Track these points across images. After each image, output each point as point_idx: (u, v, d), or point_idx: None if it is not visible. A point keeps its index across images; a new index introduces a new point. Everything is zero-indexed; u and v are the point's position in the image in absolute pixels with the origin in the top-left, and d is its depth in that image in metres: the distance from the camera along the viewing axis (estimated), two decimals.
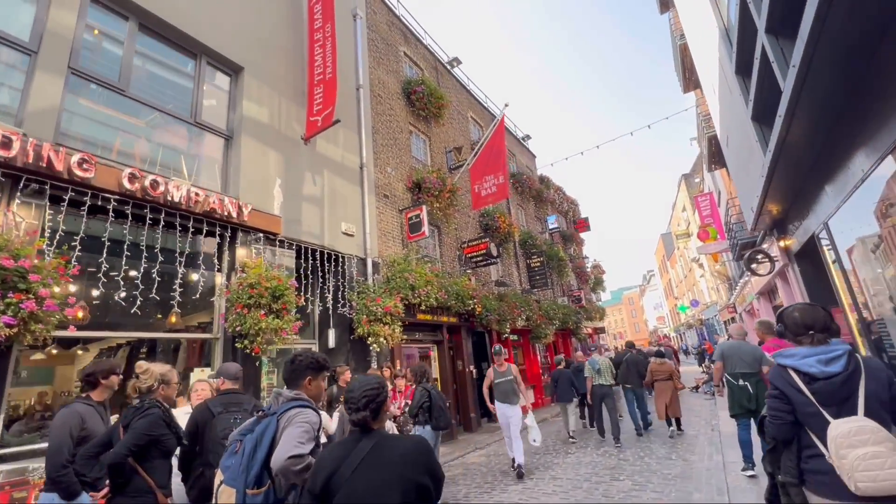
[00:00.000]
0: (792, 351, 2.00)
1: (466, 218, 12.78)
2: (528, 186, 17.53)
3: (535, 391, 14.22)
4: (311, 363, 2.09)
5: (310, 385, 2.07)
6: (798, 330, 2.01)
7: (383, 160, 9.72)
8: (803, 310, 2.04)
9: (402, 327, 8.31)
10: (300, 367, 2.07)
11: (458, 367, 10.61)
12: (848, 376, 1.82)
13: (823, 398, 1.83)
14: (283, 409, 1.94)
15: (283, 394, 2.03)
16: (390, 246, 9.21)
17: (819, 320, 1.97)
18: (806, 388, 1.87)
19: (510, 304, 12.42)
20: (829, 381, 1.83)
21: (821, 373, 1.85)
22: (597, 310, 22.83)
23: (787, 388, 1.94)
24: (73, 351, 5.72)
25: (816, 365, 1.86)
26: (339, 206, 8.03)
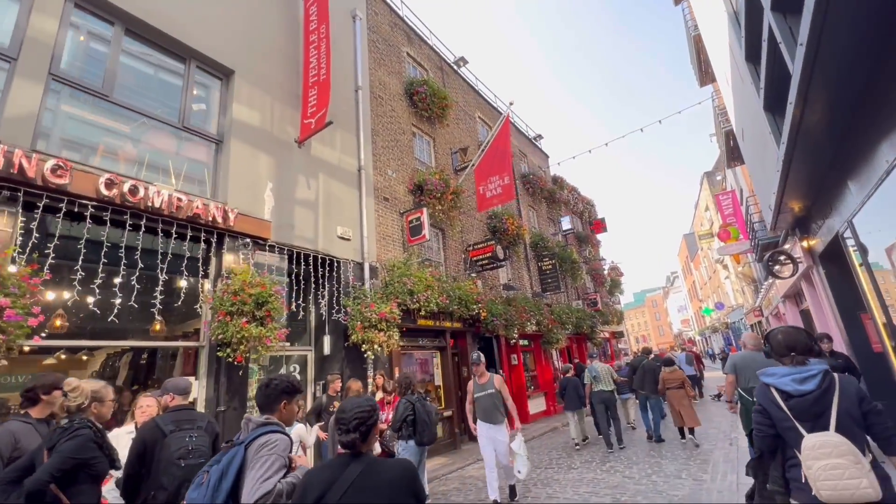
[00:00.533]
0: (773, 370, 2.19)
1: (473, 220, 12.49)
2: (540, 187, 17.11)
3: (547, 398, 13.77)
4: (286, 387, 2.07)
5: (284, 409, 2.05)
6: (781, 351, 2.24)
7: (383, 162, 9.54)
8: (786, 333, 2.27)
9: (401, 333, 8.11)
10: (275, 392, 2.04)
11: (464, 373, 10.31)
12: (821, 394, 2.01)
13: (798, 414, 2.03)
14: (251, 436, 1.89)
15: (252, 420, 1.98)
16: (391, 250, 9.01)
17: (800, 343, 2.19)
18: (784, 404, 2.08)
19: (519, 309, 12.06)
20: (803, 398, 2.03)
21: (795, 391, 2.05)
22: (615, 313, 22.15)
23: (768, 405, 2.15)
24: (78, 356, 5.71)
25: (792, 384, 2.07)
26: (335, 210, 7.87)
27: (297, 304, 6.74)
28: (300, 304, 6.78)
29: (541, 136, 19.61)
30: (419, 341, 9.17)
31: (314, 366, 7.36)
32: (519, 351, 12.85)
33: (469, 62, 14.25)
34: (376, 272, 8.36)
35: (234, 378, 5.50)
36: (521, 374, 12.65)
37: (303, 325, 7.52)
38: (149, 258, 5.06)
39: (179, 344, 5.50)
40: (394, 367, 8.07)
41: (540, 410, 13.26)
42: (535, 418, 12.70)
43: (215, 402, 5.31)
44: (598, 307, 19.08)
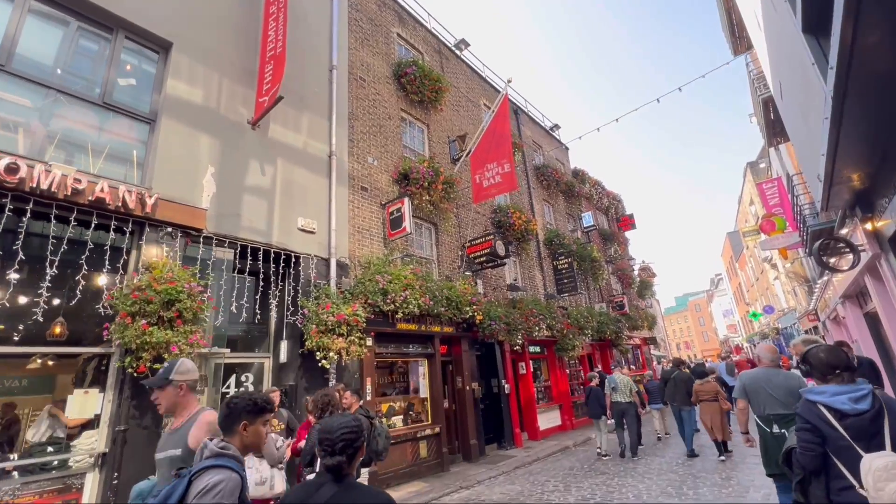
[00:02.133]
0: (821, 388, 2.16)
1: (473, 215, 11.37)
2: (556, 179, 15.73)
3: (562, 411, 12.35)
4: (247, 405, 1.82)
5: (245, 431, 1.80)
6: (825, 370, 2.18)
7: (362, 149, 8.62)
8: (829, 350, 2.22)
9: (375, 339, 7.14)
10: (235, 411, 1.81)
11: (458, 384, 9.18)
12: (875, 414, 2.00)
13: (855, 433, 2.00)
14: (199, 468, 1.61)
15: (207, 446, 1.69)
16: (368, 245, 8.05)
17: (843, 360, 2.16)
18: (838, 423, 2.03)
19: (525, 312, 10.79)
20: (860, 417, 2.00)
21: (852, 410, 2.01)
22: (646, 317, 20.26)
23: (819, 423, 2.09)
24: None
25: (848, 403, 2.03)
26: (297, 199, 7.00)
27: (241, 304, 5.87)
28: (244, 304, 5.91)
29: (557, 126, 18.21)
30: (401, 348, 8.13)
31: (271, 375, 6.47)
32: (528, 359, 11.56)
33: (471, 45, 13.21)
34: (347, 269, 7.42)
35: (144, 391, 4.66)
36: (529, 384, 11.35)
37: (262, 329, 6.67)
38: (46, 250, 4.32)
39: (79, 350, 4.71)
40: (364, 377, 7.07)
41: (553, 425, 11.87)
42: (547, 434, 11.34)
43: (118, 420, 4.49)
44: (626, 310, 17.38)
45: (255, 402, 1.84)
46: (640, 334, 20.26)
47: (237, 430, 1.78)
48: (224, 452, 1.67)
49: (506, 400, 10.24)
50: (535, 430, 10.93)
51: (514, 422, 10.26)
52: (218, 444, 1.70)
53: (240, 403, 1.81)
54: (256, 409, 1.82)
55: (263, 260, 6.20)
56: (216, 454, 1.65)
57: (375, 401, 7.30)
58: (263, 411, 1.85)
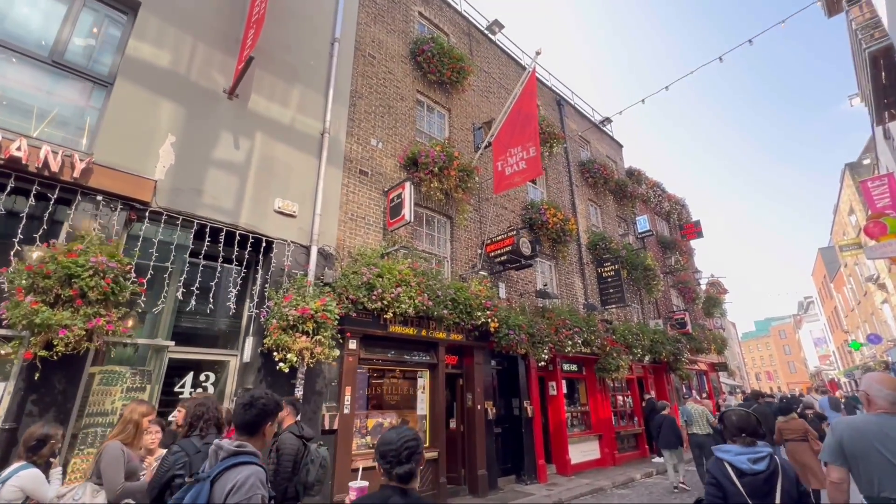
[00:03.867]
0: (727, 447, 2.42)
1: (499, 210, 10.09)
2: (604, 177, 13.96)
3: (602, 443, 10.51)
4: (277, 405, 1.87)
5: (267, 431, 1.84)
6: (734, 431, 2.45)
7: (365, 130, 7.74)
8: (739, 415, 2.49)
9: (359, 342, 6.13)
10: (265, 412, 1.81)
11: (468, 401, 7.87)
12: (769, 475, 2.24)
13: (750, 490, 2.22)
14: (219, 468, 1.62)
15: (223, 447, 1.69)
16: (362, 234, 7.09)
17: (750, 425, 2.42)
18: (738, 480, 2.25)
19: (555, 323, 9.27)
20: (756, 476, 2.24)
21: (749, 469, 2.25)
22: (714, 339, 17.49)
23: (722, 479, 2.30)
24: None
25: (747, 462, 2.27)
26: (277, 178, 6.22)
27: (201, 292, 5.10)
28: (209, 293, 5.13)
29: (608, 121, 16.38)
30: (395, 355, 7.02)
31: (237, 375, 5.64)
32: (559, 378, 9.95)
33: (505, 27, 12.05)
34: (332, 260, 6.49)
35: (52, 383, 3.95)
36: (560, 408, 9.72)
37: (234, 323, 5.89)
38: None
39: None
40: (343, 386, 6.04)
41: (590, 459, 10.09)
42: (581, 469, 9.60)
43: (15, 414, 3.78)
44: (688, 330, 14.99)
45: (278, 402, 1.87)
46: (707, 358, 17.52)
47: (264, 429, 1.79)
48: (242, 450, 1.69)
49: (528, 424, 8.73)
50: (564, 463, 9.26)
51: (538, 451, 8.70)
52: (233, 444, 1.71)
53: (269, 404, 1.82)
54: (279, 409, 1.88)
55: (226, 243, 5.43)
56: (234, 453, 1.67)
57: (355, 415, 6.23)
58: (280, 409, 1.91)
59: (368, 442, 6.39)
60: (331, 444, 5.65)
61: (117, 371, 4.69)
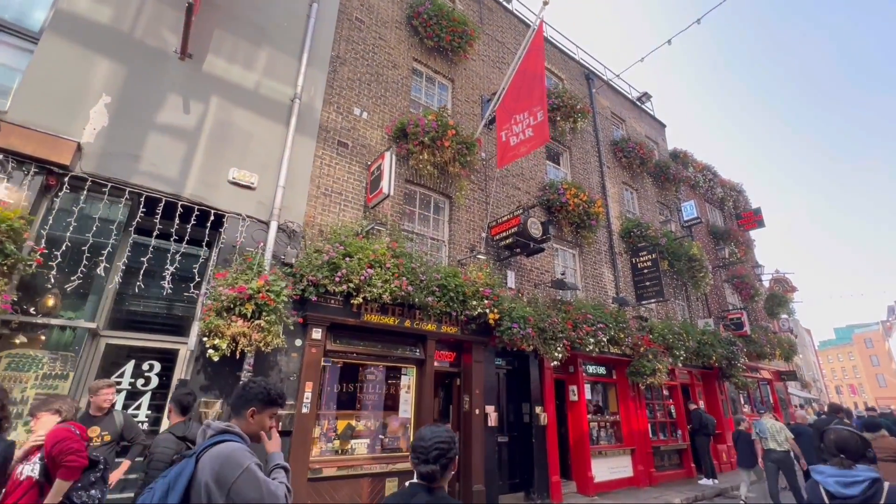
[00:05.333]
0: (822, 468, 2.38)
1: (511, 190, 8.98)
2: (640, 158, 12.38)
3: (636, 458, 9.04)
4: (260, 393, 1.83)
5: (252, 418, 1.80)
6: (832, 451, 2.41)
7: (347, 98, 6.98)
8: (838, 434, 2.44)
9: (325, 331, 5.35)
10: (247, 396, 1.83)
11: (464, 405, 6.83)
12: (863, 500, 2.12)
13: None
14: (205, 445, 1.60)
15: (211, 426, 1.70)
16: (338, 211, 6.30)
17: (851, 446, 2.36)
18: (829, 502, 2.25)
19: (572, 316, 8.01)
20: (845, 501, 2.18)
21: (838, 493, 2.22)
22: (780, 343, 15.14)
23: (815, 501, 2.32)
24: None
25: (835, 486, 2.23)
26: (234, 146, 5.56)
27: (134, 270, 4.50)
28: (138, 270, 4.53)
29: (647, 96, 14.65)
30: (372, 348, 6.12)
31: (187, 365, 4.99)
32: (581, 381, 8.64)
33: None
34: (297, 238, 5.73)
35: None
36: (582, 416, 8.41)
37: (190, 308, 5.28)
38: None
39: None
40: (303, 381, 5.23)
41: (620, 477, 8.67)
42: (607, 488, 8.23)
43: None
44: (745, 331, 12.97)
45: (269, 392, 1.85)
46: (772, 366, 15.21)
47: (245, 414, 1.79)
48: (229, 429, 1.68)
49: (540, 434, 7.54)
50: (586, 481, 7.95)
51: (552, 465, 7.48)
52: (222, 423, 1.71)
53: (254, 389, 1.83)
54: (268, 399, 1.84)
55: (167, 216, 4.81)
56: (222, 430, 1.67)
57: (320, 416, 5.41)
58: (274, 403, 1.86)
59: (337, 447, 5.55)
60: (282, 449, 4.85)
61: (31, 355, 4.16)
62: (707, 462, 9.45)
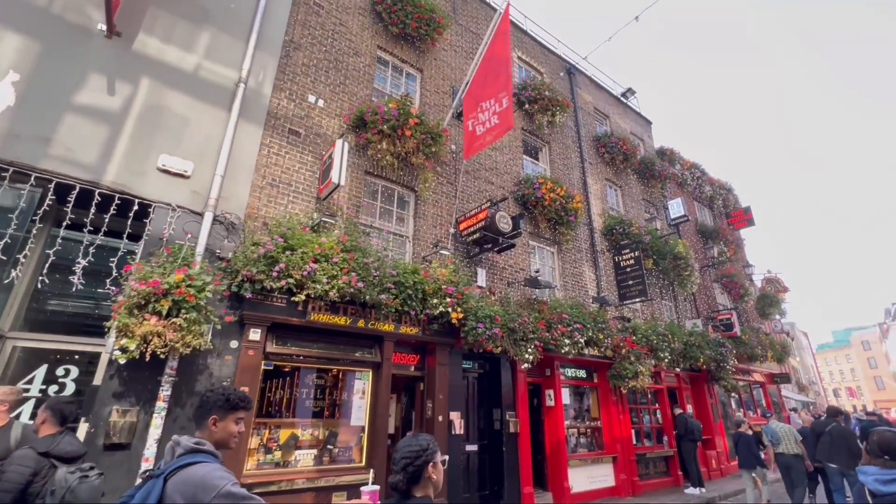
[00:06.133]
0: (866, 468, 2.55)
1: (483, 185, 8.57)
2: (624, 153, 12.00)
3: (617, 466, 8.55)
4: (218, 400, 1.77)
5: (215, 427, 1.75)
6: (875, 452, 2.55)
7: (302, 85, 6.57)
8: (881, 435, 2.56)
9: (265, 331, 4.90)
10: (206, 405, 1.77)
11: (427, 412, 6.36)
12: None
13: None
14: (174, 465, 1.53)
15: (180, 443, 1.60)
16: (286, 203, 5.87)
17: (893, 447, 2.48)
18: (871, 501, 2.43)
19: (547, 316, 7.57)
20: (883, 498, 2.37)
21: (878, 490, 2.39)
22: (773, 344, 14.70)
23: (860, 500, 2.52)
24: None
25: (875, 484, 2.41)
26: (167, 131, 5.13)
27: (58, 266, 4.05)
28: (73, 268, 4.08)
29: (631, 92, 14.32)
30: (321, 350, 5.65)
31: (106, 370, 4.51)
32: (559, 385, 8.18)
33: None
34: (237, 230, 5.29)
35: None
36: (559, 422, 7.94)
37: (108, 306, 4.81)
38: None
39: None
40: (236, 387, 4.76)
41: (601, 486, 8.18)
42: (586, 499, 7.75)
43: None
44: (735, 332, 12.54)
45: (228, 397, 1.79)
46: (764, 368, 14.77)
47: (208, 424, 1.74)
48: (200, 448, 1.61)
49: (511, 442, 7.07)
50: (562, 492, 7.46)
51: (524, 475, 6.99)
52: (191, 440, 1.63)
53: (211, 397, 1.78)
54: (228, 405, 1.78)
55: (81, 205, 4.36)
56: (192, 450, 1.60)
57: (258, 424, 4.93)
58: (236, 408, 1.80)
59: (278, 458, 5.07)
60: None
61: None
62: (693, 469, 8.97)
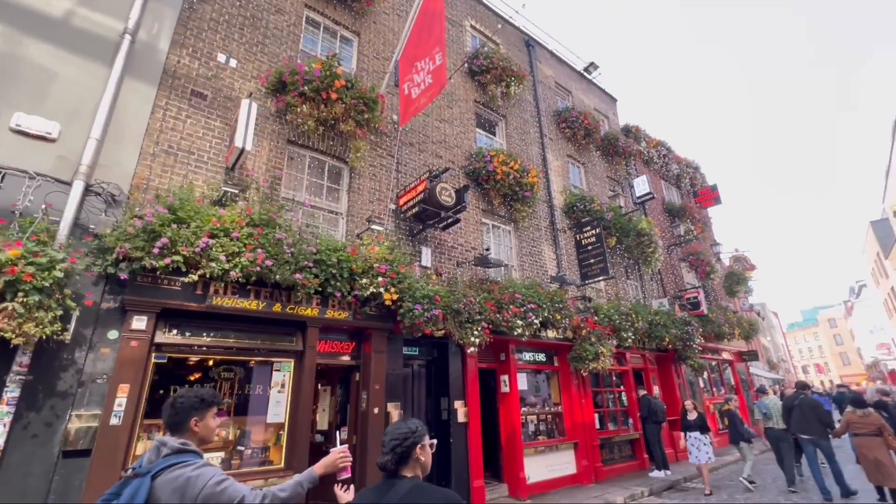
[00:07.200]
0: None
1: (432, 158, 7.94)
2: (586, 128, 11.52)
3: (579, 453, 8.14)
4: (194, 402, 1.82)
5: (197, 427, 1.80)
6: None
7: (209, 42, 5.80)
8: None
9: (156, 318, 4.20)
10: (184, 409, 1.79)
11: (362, 405, 5.76)
12: None
13: None
14: (161, 465, 1.59)
15: (167, 443, 1.67)
16: (187, 173, 5.12)
17: None
18: None
19: (497, 295, 7.04)
20: None
21: None
22: (741, 322, 14.58)
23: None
24: None
25: None
26: (25, 87, 4.34)
27: None
28: None
29: (594, 66, 13.83)
30: (228, 339, 4.96)
31: None
32: (514, 370, 7.68)
33: None
34: (120, 203, 4.54)
35: None
36: (514, 409, 7.44)
37: None
38: None
39: None
40: (115, 383, 4.05)
41: (561, 475, 7.76)
42: (544, 489, 7.31)
43: None
44: (702, 311, 12.30)
45: (202, 397, 1.84)
46: (733, 346, 14.67)
47: (189, 426, 1.78)
48: (186, 448, 1.68)
49: (459, 432, 6.54)
50: (517, 483, 6.98)
51: (475, 468, 6.48)
52: (177, 441, 1.69)
53: (186, 402, 1.81)
54: (204, 403, 1.83)
55: None
56: (178, 450, 1.66)
57: (138, 426, 4.23)
58: (212, 404, 1.87)
59: None
60: (71, 472, 3.69)
61: None
62: (658, 452, 8.64)
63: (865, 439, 5.97)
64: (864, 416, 6.09)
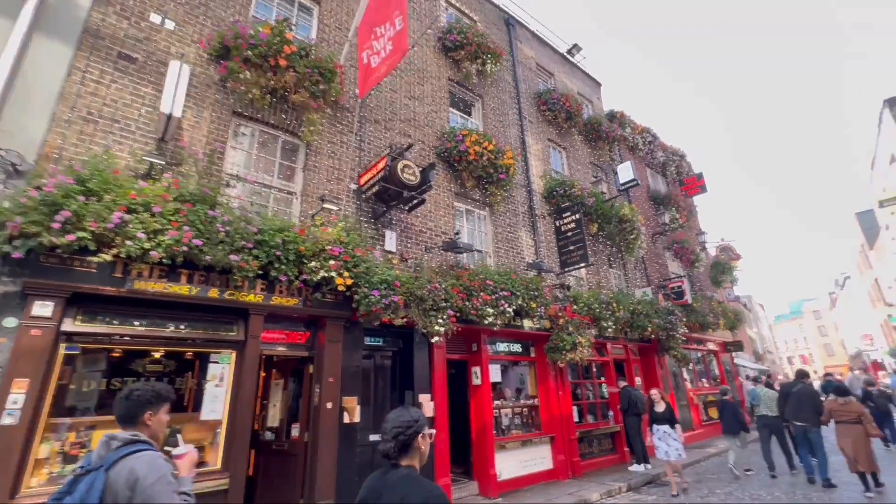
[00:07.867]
0: None
1: (400, 137, 7.43)
2: (568, 111, 11.08)
3: (555, 447, 7.78)
4: (150, 396, 1.84)
5: (150, 421, 1.82)
6: None
7: (140, 1, 5.22)
8: None
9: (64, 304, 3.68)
10: (139, 402, 1.81)
11: (314, 399, 5.29)
12: None
13: None
14: (114, 457, 1.60)
15: (116, 437, 1.69)
16: (107, 142, 4.58)
17: None
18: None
19: (466, 281, 6.60)
20: None
21: None
22: (725, 312, 14.33)
23: None
24: None
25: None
26: None
27: None
28: None
29: (577, 48, 13.37)
30: (155, 327, 4.45)
31: None
32: (486, 361, 7.26)
33: None
34: (21, 172, 3.99)
35: None
36: (485, 403, 7.03)
37: None
38: None
39: None
40: (9, 377, 3.54)
41: (536, 470, 7.39)
42: (517, 486, 6.93)
43: None
44: (686, 300, 12.00)
45: (158, 392, 1.86)
46: (718, 336, 14.44)
47: (142, 420, 1.79)
48: (137, 439, 1.70)
49: None
50: (488, 480, 6.58)
51: (440, 466, 6.06)
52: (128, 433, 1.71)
53: (142, 395, 1.81)
54: (160, 398, 1.85)
55: None
56: (129, 441, 1.67)
57: (53, 427, 3.73)
58: (167, 399, 1.89)
59: None
60: None
61: None
62: (638, 445, 8.31)
63: (846, 426, 6.19)
64: (845, 403, 6.28)
